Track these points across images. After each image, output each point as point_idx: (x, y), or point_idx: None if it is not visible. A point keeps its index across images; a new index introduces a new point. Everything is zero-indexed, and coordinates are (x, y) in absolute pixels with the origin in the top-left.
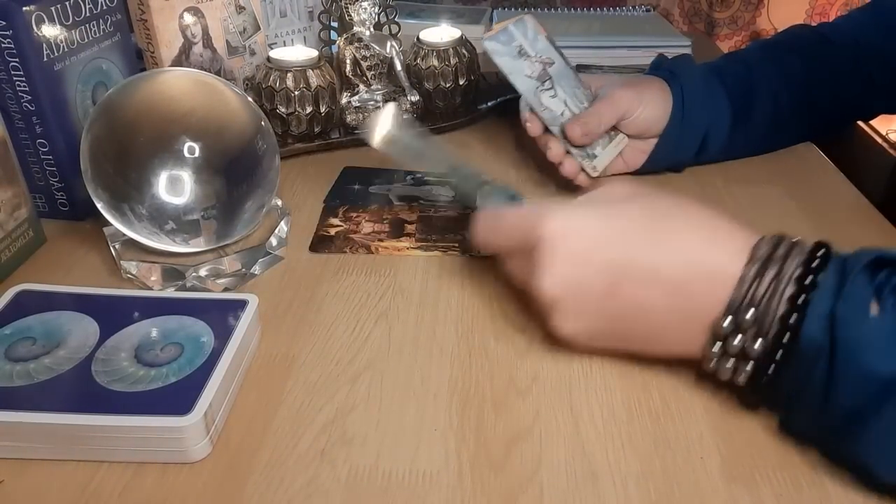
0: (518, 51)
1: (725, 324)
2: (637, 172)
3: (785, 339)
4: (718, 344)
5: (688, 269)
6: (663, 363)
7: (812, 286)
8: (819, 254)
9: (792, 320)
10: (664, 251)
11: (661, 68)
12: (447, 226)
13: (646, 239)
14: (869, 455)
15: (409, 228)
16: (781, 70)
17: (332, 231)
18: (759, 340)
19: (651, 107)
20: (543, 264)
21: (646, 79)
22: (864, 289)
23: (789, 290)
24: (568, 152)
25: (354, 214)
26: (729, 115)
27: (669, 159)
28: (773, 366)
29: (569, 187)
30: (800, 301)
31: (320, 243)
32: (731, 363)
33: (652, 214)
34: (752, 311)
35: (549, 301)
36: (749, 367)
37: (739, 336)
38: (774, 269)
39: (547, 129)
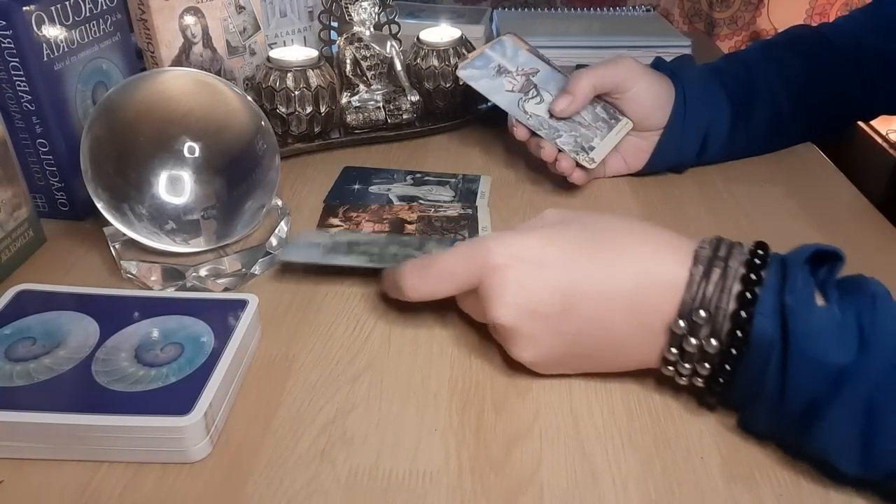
0: (497, 70)
1: (681, 324)
2: (638, 174)
3: (738, 335)
4: (674, 349)
5: (638, 281)
6: None
7: (757, 282)
8: (759, 252)
9: (743, 315)
10: (613, 266)
11: (662, 68)
12: (447, 225)
13: (592, 257)
14: (828, 447)
15: (410, 228)
16: (781, 70)
17: (332, 231)
18: (713, 340)
19: (654, 90)
20: (493, 297)
21: (655, 70)
22: (807, 282)
23: (736, 288)
24: (561, 150)
25: (354, 214)
26: (729, 115)
27: (671, 160)
28: (728, 364)
29: (565, 185)
30: (748, 296)
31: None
32: (688, 366)
33: (593, 233)
34: (702, 311)
35: (505, 331)
36: (706, 367)
37: (693, 338)
38: (719, 268)
39: (534, 133)
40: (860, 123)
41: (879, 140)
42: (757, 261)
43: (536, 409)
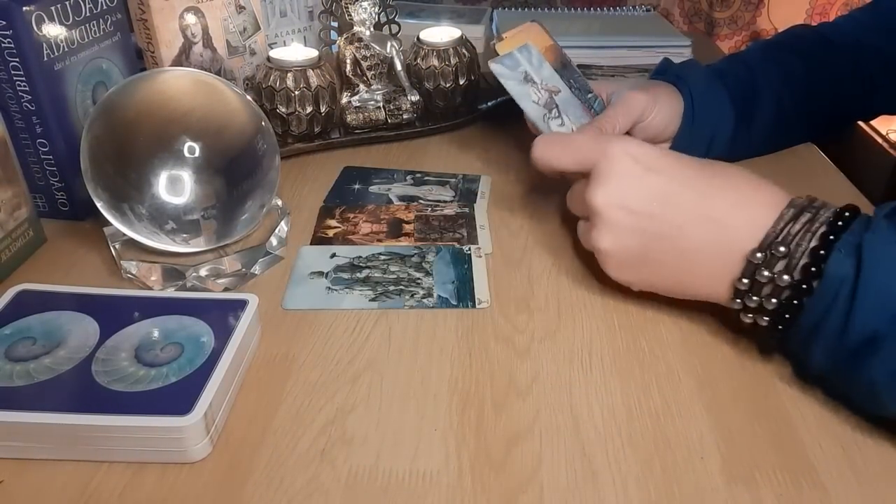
0: (524, 76)
1: (758, 255)
2: None
3: (812, 270)
4: (745, 279)
5: (732, 205)
6: (663, 364)
7: (843, 228)
8: (851, 207)
9: (821, 253)
10: (713, 186)
11: (668, 72)
12: (445, 224)
13: (698, 174)
14: (878, 380)
15: (408, 228)
16: (783, 71)
17: (331, 233)
18: (786, 276)
19: (664, 110)
20: (599, 179)
21: (655, 82)
22: (890, 227)
23: (821, 230)
24: None
25: (352, 215)
26: (732, 117)
27: None
28: (797, 298)
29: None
30: (830, 237)
31: (320, 245)
32: (755, 299)
33: (705, 164)
34: (782, 247)
35: (595, 212)
36: (773, 302)
37: (767, 270)
38: (810, 213)
39: None
40: (860, 123)
41: (879, 140)
42: (847, 213)
43: (536, 409)
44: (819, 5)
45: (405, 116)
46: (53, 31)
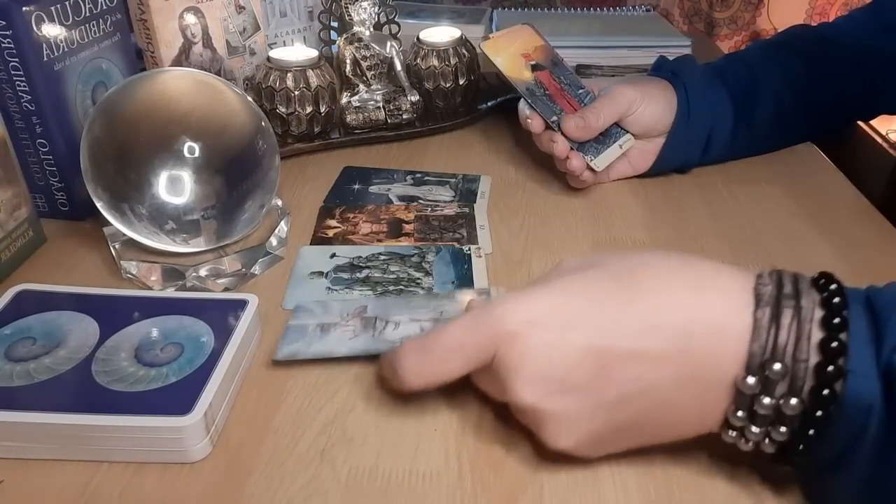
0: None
1: (750, 381)
2: (644, 175)
3: (825, 393)
4: (741, 412)
5: (685, 331)
6: None
7: (841, 326)
8: (832, 288)
9: (830, 370)
10: (648, 314)
11: (663, 69)
12: (445, 224)
13: (623, 307)
14: None
15: (408, 228)
16: (782, 70)
17: (331, 233)
18: (793, 399)
19: (654, 104)
20: (511, 373)
21: (648, 78)
22: None
23: (816, 335)
24: (572, 148)
25: (351, 215)
26: (731, 115)
27: (676, 160)
28: (813, 427)
29: (565, 186)
30: (833, 345)
31: (320, 245)
32: (757, 430)
33: (618, 278)
34: (777, 365)
35: (532, 414)
36: (782, 432)
37: (768, 397)
38: (790, 309)
39: (548, 126)
40: (860, 123)
41: (879, 140)
42: (835, 299)
43: None
44: (819, 5)
45: (405, 116)
46: (53, 31)
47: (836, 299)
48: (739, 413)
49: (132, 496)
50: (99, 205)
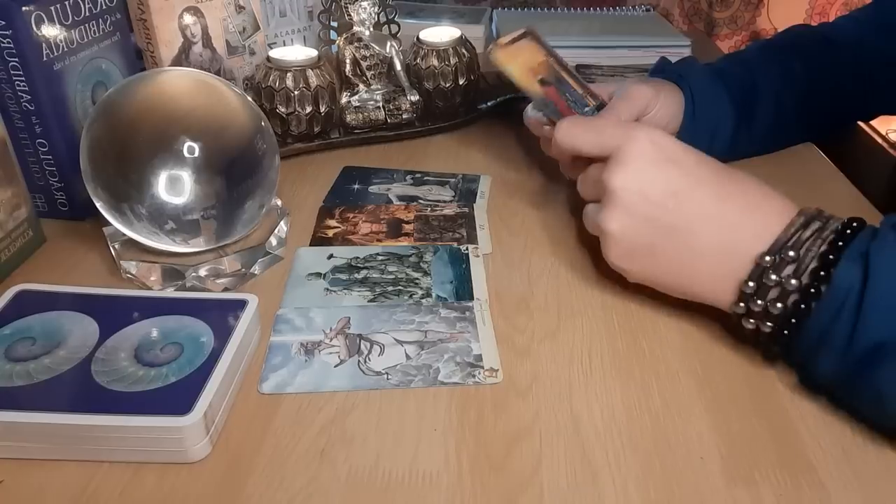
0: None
1: (767, 258)
2: None
3: (821, 274)
4: (752, 282)
5: (743, 209)
6: (662, 364)
7: (851, 236)
8: (859, 219)
9: (830, 258)
10: (727, 189)
11: (667, 70)
12: (445, 224)
13: (714, 176)
14: (885, 391)
15: (407, 228)
16: (783, 71)
17: (330, 233)
18: (793, 280)
19: (667, 105)
20: (620, 162)
21: (657, 79)
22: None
23: (830, 237)
24: None
25: (351, 215)
26: (733, 117)
27: None
28: (804, 303)
29: (565, 186)
30: (839, 244)
31: (319, 246)
32: (760, 304)
33: (721, 167)
34: (791, 251)
35: (610, 194)
36: (779, 307)
37: (775, 274)
38: (819, 222)
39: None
40: (860, 123)
41: (879, 140)
42: (855, 223)
43: (536, 409)
44: (819, 5)
45: (405, 116)
46: (53, 31)
47: (856, 224)
48: (750, 283)
49: (132, 496)
50: (99, 205)
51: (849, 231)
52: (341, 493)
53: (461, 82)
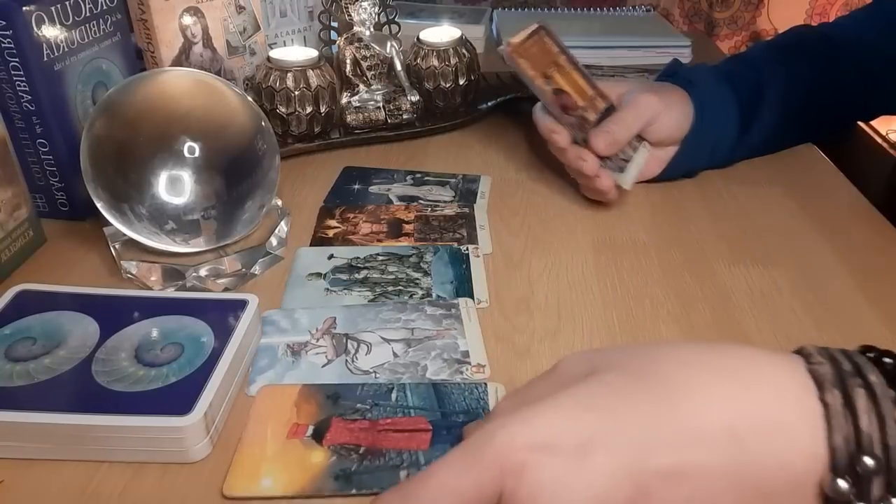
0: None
1: (843, 487)
2: (653, 181)
3: None
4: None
5: (735, 432)
6: None
7: None
8: (886, 360)
9: None
10: (688, 418)
11: (677, 75)
12: (445, 224)
13: (652, 412)
14: None
15: (408, 228)
16: (789, 73)
17: (331, 233)
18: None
19: (675, 113)
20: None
21: (666, 84)
22: None
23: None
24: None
25: (352, 215)
26: (738, 119)
27: (685, 167)
28: None
29: (565, 186)
30: None
31: (318, 245)
32: None
33: (639, 374)
34: (868, 458)
35: None
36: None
37: (863, 501)
38: (861, 390)
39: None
40: (860, 123)
41: (879, 140)
42: (886, 359)
43: None
44: (819, 5)
45: (405, 116)
46: (53, 31)
47: (888, 357)
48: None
49: (132, 496)
50: (99, 205)
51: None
52: None
53: (461, 82)
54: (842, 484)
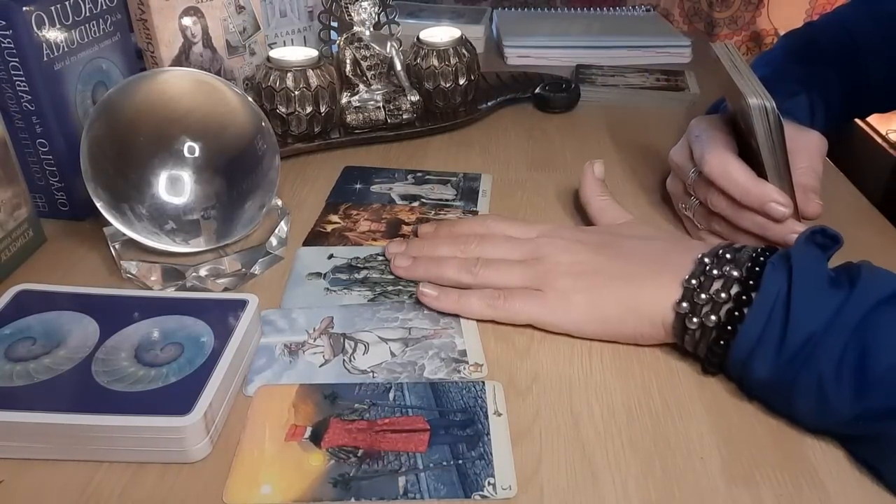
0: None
1: (693, 280)
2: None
3: (750, 283)
4: (686, 304)
5: (674, 243)
6: (663, 364)
7: (771, 250)
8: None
9: (756, 269)
10: (642, 235)
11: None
12: None
13: (646, 234)
14: (823, 380)
15: (406, 229)
16: (821, 80)
17: (329, 228)
18: (724, 294)
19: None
20: (545, 242)
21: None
22: (808, 243)
23: (750, 253)
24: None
25: (354, 212)
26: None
27: None
28: (738, 310)
29: (564, 187)
30: (761, 259)
31: (314, 240)
32: (696, 321)
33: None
34: (716, 270)
35: (546, 242)
36: (713, 319)
37: (704, 293)
38: (736, 247)
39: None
40: (860, 124)
41: (879, 140)
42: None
43: (536, 409)
44: (819, 5)
45: (405, 116)
46: (53, 31)
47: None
48: (684, 304)
49: (132, 496)
50: (99, 205)
51: (767, 252)
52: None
53: (461, 82)
54: (693, 281)
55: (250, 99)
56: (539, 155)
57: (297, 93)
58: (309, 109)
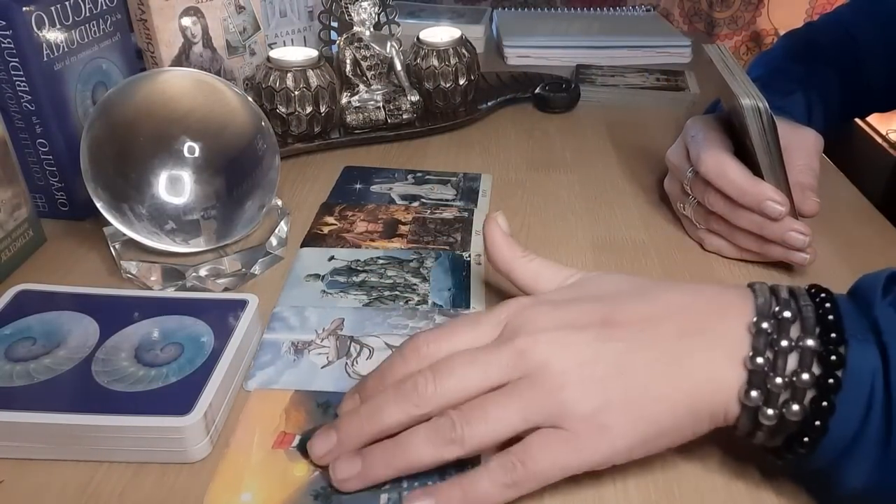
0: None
1: (765, 326)
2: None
3: (832, 359)
4: (756, 392)
5: (695, 294)
6: None
7: (833, 310)
8: (813, 290)
9: (833, 336)
10: (656, 285)
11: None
12: (441, 228)
13: (626, 282)
14: None
15: (403, 229)
16: (821, 81)
17: (326, 229)
18: (805, 374)
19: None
20: (521, 329)
21: (786, 121)
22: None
23: (813, 318)
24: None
25: (350, 213)
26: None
27: None
28: (825, 399)
29: (564, 186)
30: (830, 318)
31: (312, 241)
32: (771, 412)
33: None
34: (778, 325)
35: (539, 366)
36: (796, 410)
37: (780, 359)
38: (786, 298)
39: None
40: (860, 124)
41: (879, 140)
42: (822, 294)
43: None
44: (819, 5)
45: (405, 116)
46: (53, 31)
47: (823, 294)
48: (758, 360)
49: (132, 496)
50: (99, 205)
51: (827, 305)
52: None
53: (461, 82)
54: (764, 325)
55: (250, 99)
56: (539, 155)
57: (297, 93)
58: (309, 109)
